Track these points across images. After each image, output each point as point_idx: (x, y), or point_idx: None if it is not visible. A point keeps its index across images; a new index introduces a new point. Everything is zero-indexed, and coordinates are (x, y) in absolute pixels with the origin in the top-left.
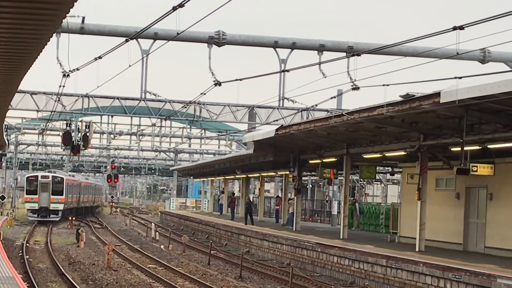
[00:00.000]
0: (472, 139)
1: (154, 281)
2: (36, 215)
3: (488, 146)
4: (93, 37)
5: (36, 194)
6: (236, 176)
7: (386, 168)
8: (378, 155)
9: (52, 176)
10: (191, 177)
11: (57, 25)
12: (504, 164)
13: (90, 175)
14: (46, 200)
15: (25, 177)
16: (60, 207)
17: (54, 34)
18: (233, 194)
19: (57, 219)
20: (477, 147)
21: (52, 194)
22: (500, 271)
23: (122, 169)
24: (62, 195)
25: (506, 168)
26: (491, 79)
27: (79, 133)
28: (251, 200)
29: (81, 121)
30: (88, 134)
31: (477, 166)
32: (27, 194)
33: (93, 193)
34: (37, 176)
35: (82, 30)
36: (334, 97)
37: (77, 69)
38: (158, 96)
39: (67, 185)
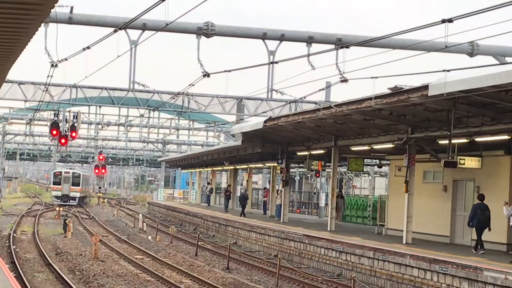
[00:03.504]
0: (460, 132)
1: (141, 271)
2: (59, 200)
3: (476, 139)
4: (82, 27)
5: (60, 185)
6: (224, 168)
7: (374, 160)
8: (366, 148)
9: (72, 172)
10: (179, 168)
11: (45, 15)
12: (491, 157)
13: (77, 165)
14: (67, 189)
15: (52, 172)
16: (77, 195)
17: (42, 24)
18: (229, 185)
19: (75, 203)
20: (465, 140)
21: (72, 185)
22: (486, 264)
23: (110, 159)
24: (79, 186)
25: (493, 161)
26: (479, 72)
27: (67, 124)
28: (246, 192)
29: (69, 111)
30: (76, 124)
31: (464, 159)
32: (53, 184)
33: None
34: (61, 172)
35: (70, 20)
36: (323, 89)
37: (65, 59)
38: (147, 87)
39: (83, 179)
